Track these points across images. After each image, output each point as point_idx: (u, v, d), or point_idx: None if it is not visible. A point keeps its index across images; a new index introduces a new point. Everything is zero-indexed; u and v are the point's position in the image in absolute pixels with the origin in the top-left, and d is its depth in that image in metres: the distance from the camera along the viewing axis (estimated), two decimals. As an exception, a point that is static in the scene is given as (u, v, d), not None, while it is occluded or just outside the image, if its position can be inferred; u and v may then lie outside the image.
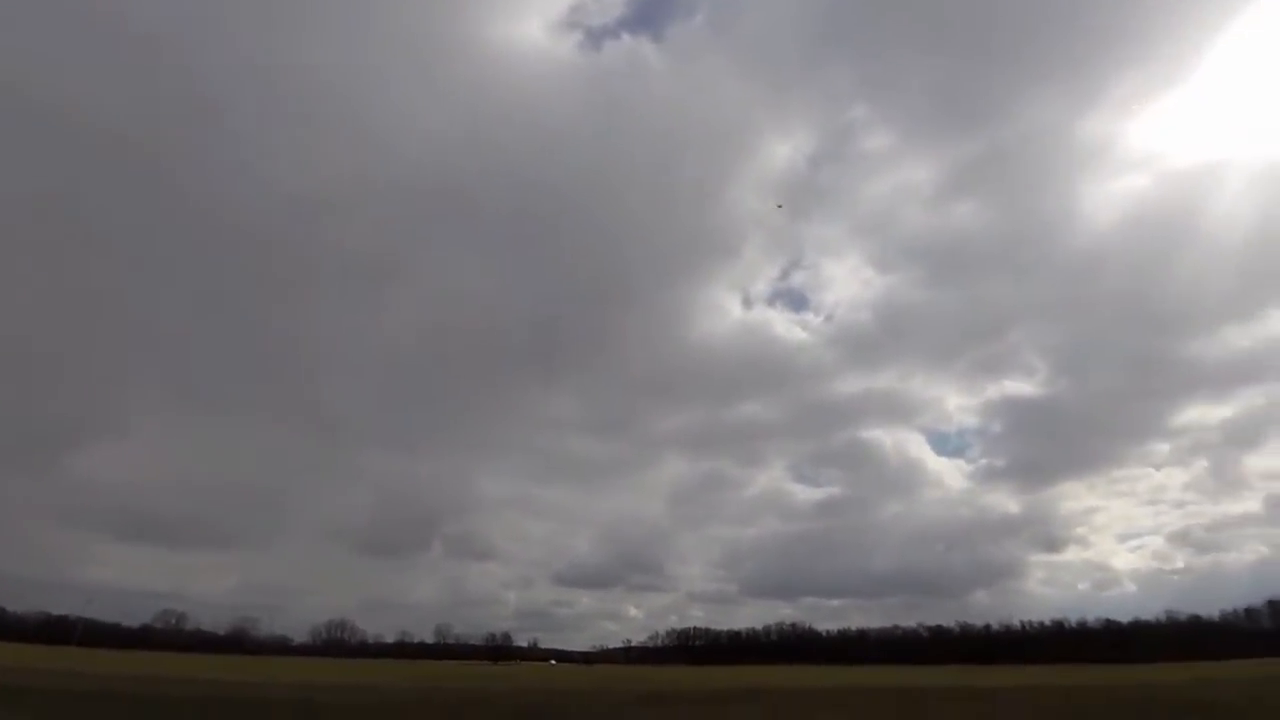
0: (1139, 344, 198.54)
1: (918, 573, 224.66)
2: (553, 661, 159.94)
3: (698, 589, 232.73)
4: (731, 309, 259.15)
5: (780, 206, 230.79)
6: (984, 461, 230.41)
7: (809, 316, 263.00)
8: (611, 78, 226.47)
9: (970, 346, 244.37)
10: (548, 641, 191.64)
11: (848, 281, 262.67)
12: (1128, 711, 25.61)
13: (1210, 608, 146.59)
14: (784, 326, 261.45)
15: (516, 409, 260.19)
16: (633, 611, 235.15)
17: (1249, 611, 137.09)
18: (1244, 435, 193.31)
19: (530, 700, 30.54)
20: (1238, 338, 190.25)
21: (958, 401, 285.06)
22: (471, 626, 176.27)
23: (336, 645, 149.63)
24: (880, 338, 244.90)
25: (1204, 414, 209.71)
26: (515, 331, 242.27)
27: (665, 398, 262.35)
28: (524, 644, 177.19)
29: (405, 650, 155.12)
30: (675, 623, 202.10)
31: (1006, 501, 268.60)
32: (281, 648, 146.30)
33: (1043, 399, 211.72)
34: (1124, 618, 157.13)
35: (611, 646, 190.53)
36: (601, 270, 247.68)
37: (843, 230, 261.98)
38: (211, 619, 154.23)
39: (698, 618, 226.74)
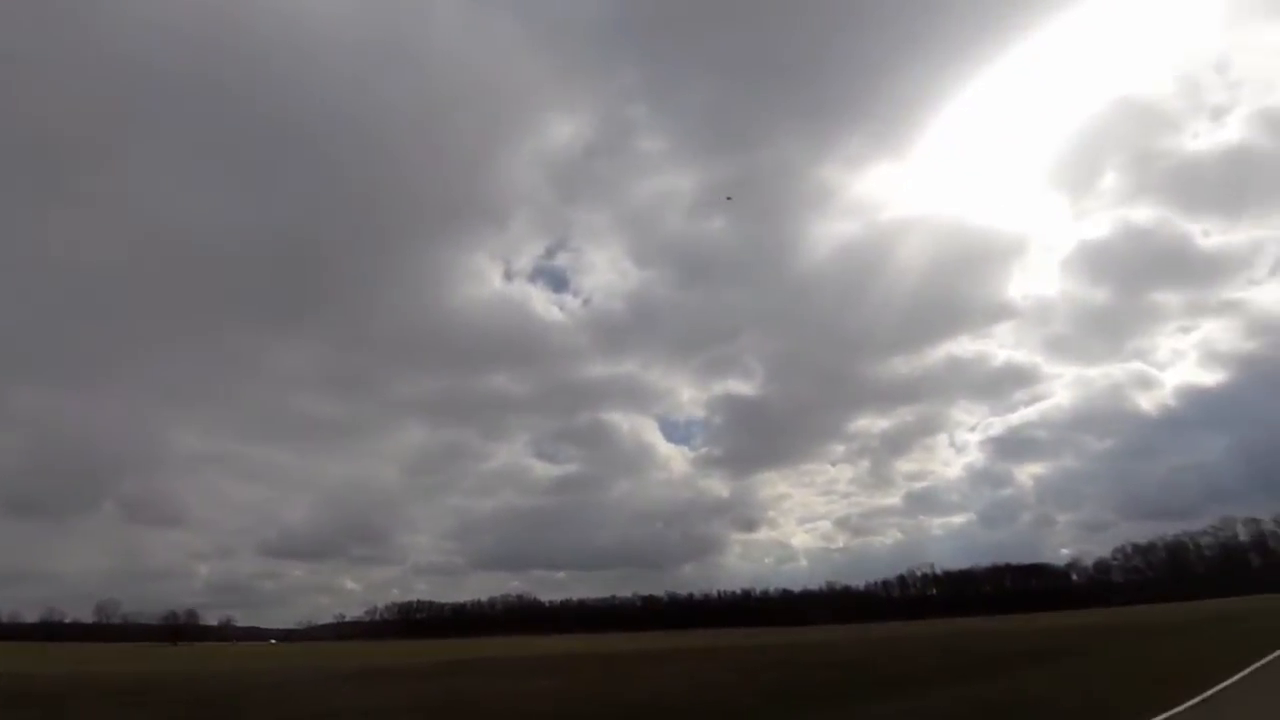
0: (832, 361, 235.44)
1: (637, 548, 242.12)
2: (273, 641, 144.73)
3: (425, 561, 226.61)
4: (492, 279, 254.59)
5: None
6: (705, 450, 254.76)
7: (567, 298, 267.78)
8: (398, 12, 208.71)
9: (706, 346, 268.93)
10: (247, 619, 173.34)
11: (607, 270, 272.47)
12: (791, 667, 30.11)
13: (859, 580, 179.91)
14: (542, 304, 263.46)
15: (231, 353, 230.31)
16: (350, 585, 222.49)
17: (885, 584, 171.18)
18: (896, 443, 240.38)
19: (213, 686, 26.89)
20: (901, 366, 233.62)
21: (690, 394, 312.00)
22: (145, 604, 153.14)
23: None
24: (630, 327, 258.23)
25: (870, 424, 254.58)
26: (244, 264, 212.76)
27: (412, 361, 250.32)
28: (214, 622, 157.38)
29: (53, 631, 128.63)
30: (397, 596, 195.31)
31: (719, 486, 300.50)
32: None
33: (757, 399, 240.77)
34: (796, 588, 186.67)
35: (322, 623, 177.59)
36: (358, 213, 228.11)
37: (609, 220, 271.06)
38: None
39: (422, 591, 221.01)
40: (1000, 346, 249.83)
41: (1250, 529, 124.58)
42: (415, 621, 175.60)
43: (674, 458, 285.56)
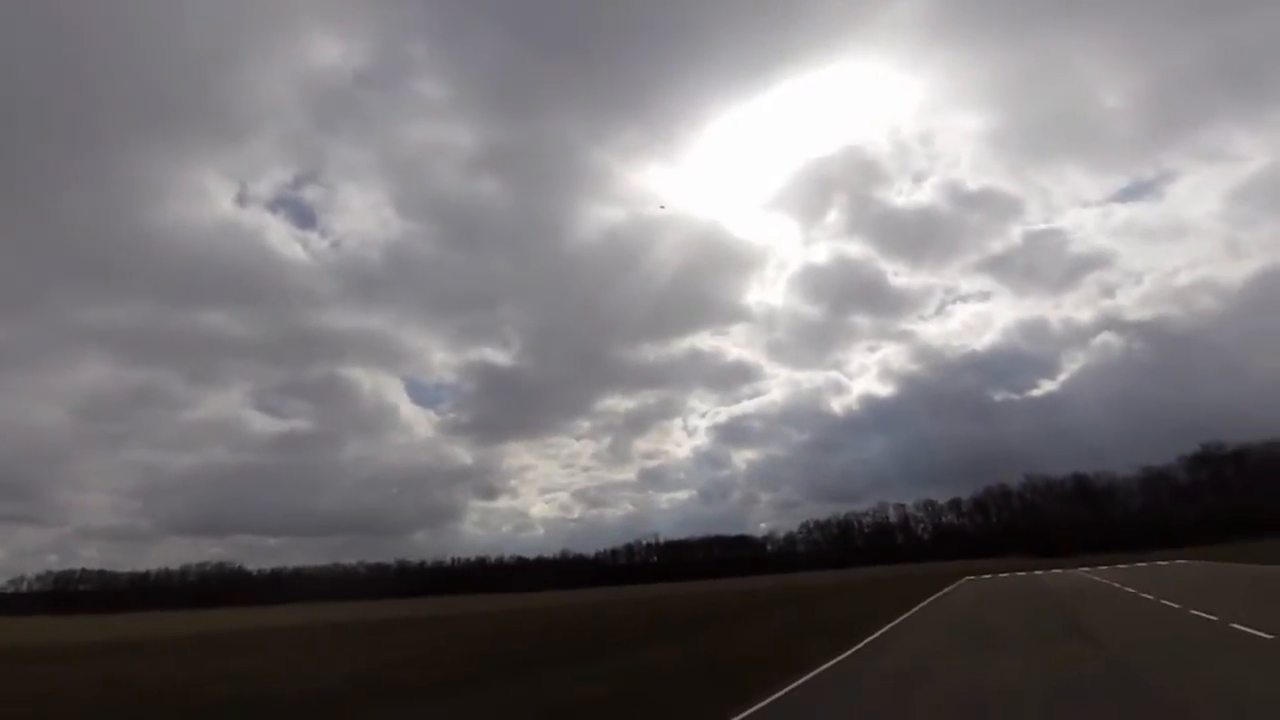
0: (587, 340, 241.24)
1: (367, 513, 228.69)
2: None
3: (96, 524, 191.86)
4: (220, 201, 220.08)
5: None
6: (452, 415, 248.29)
7: (313, 237, 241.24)
8: None
9: (464, 310, 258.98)
10: None
11: (365, 215, 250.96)
12: (515, 631, 30.39)
13: (591, 548, 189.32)
14: (281, 238, 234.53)
15: None
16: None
17: (614, 552, 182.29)
18: (637, 424, 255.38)
19: None
20: (649, 353, 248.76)
21: (442, 357, 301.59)
22: None
23: None
24: (384, 280, 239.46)
25: (616, 404, 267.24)
26: None
27: (99, 281, 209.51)
28: None
29: None
30: (55, 564, 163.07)
31: (463, 453, 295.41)
32: None
33: (511, 369, 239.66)
34: (531, 555, 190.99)
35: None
36: (37, 96, 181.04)
37: (373, 161, 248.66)
38: None
39: (90, 558, 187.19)
40: (734, 345, 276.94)
41: (898, 512, 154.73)
42: (77, 594, 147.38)
43: (419, 421, 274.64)
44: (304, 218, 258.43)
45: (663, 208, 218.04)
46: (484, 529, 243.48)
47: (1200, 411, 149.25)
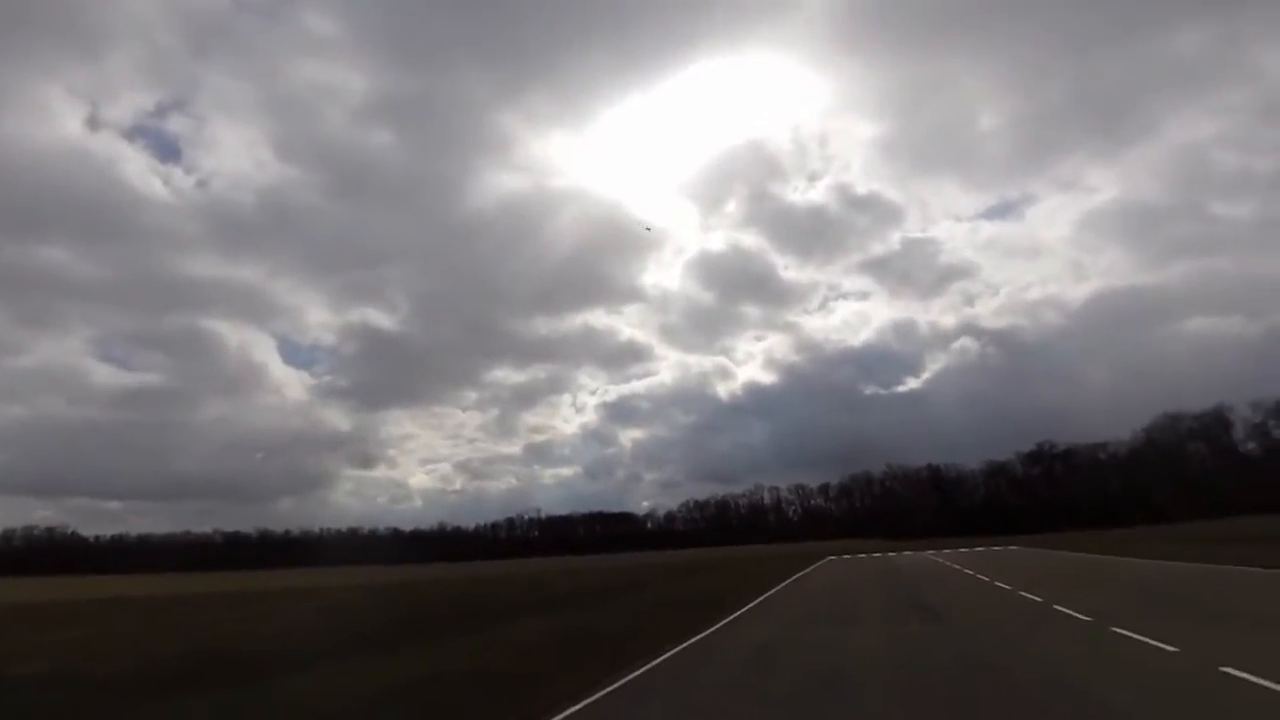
0: (479, 309, 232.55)
1: (226, 478, 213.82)
2: None
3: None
4: (66, 121, 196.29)
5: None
6: (329, 379, 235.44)
7: (176, 172, 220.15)
8: None
9: (348, 268, 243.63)
10: None
11: (239, 154, 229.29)
12: (387, 601, 29.34)
13: (471, 522, 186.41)
14: (139, 171, 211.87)
15: None
16: None
17: (494, 526, 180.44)
18: (526, 397, 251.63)
19: None
20: (542, 326, 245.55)
21: (321, 316, 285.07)
22: None
23: None
24: (257, 228, 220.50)
25: (506, 376, 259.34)
26: None
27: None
28: None
29: None
30: None
31: (340, 419, 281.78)
32: None
33: (397, 334, 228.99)
34: (407, 527, 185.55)
35: None
36: None
37: (252, 96, 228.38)
38: None
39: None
40: (627, 325, 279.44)
41: (773, 494, 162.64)
42: None
43: (291, 383, 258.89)
44: (166, 150, 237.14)
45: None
46: (358, 499, 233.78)
47: (1038, 414, 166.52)
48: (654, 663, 10.59)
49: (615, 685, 8.92)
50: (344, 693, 9.27)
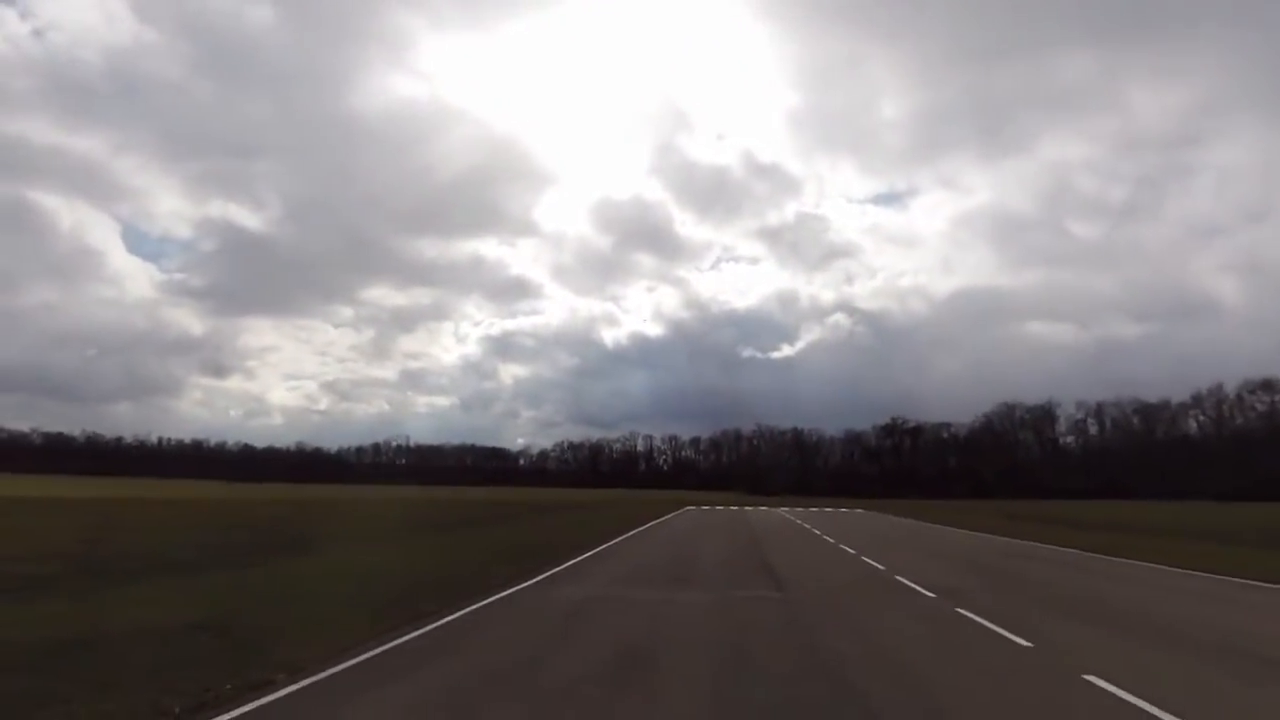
0: (361, 221, 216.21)
1: (51, 373, 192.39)
2: None
3: None
4: None
5: None
6: (181, 276, 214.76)
7: (10, 15, 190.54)
8: None
9: (211, 154, 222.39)
10: None
11: (86, 5, 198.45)
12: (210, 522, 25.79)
13: (333, 444, 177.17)
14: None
15: None
16: None
17: (358, 450, 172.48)
18: (406, 321, 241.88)
19: None
20: (429, 248, 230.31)
21: (174, 204, 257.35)
22: None
23: None
24: (103, 93, 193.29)
25: (386, 296, 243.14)
26: None
27: None
28: None
29: None
30: None
31: (191, 321, 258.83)
32: None
33: (264, 235, 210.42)
34: (261, 444, 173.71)
35: None
36: None
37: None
38: None
39: None
40: (519, 259, 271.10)
41: (646, 442, 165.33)
42: None
43: (135, 275, 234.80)
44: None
45: None
46: (207, 409, 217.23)
47: (895, 392, 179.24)
48: (441, 622, 8.55)
49: (348, 663, 6.66)
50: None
